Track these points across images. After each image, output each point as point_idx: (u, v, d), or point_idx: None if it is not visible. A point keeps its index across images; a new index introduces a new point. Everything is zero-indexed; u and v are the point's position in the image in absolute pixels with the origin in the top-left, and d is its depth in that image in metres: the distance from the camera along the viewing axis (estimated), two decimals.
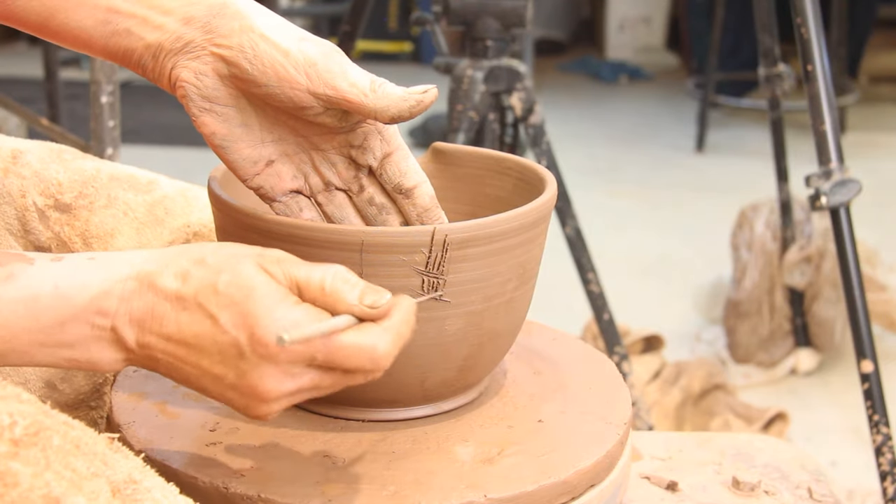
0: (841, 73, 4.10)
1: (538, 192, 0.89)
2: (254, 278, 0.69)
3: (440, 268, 0.80)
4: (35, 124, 2.23)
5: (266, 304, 0.68)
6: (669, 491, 0.98)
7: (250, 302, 0.68)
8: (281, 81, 0.77)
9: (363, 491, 0.77)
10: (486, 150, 0.97)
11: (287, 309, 0.68)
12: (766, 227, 2.45)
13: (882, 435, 1.49)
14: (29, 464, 0.61)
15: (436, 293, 0.80)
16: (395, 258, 0.79)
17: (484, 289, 0.82)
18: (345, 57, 0.79)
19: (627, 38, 5.75)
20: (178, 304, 0.69)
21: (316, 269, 0.71)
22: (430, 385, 0.85)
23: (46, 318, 0.69)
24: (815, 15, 1.53)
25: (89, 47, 0.79)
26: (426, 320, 0.80)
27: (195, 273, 0.70)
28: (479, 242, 0.80)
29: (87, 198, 0.97)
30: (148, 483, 0.67)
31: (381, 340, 0.69)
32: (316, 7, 5.24)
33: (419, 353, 0.82)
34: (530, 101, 1.70)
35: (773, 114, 2.25)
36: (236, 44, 0.76)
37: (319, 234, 0.78)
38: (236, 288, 0.69)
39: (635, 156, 4.13)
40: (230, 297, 0.69)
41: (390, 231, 0.79)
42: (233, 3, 0.78)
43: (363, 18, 2.00)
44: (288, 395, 0.70)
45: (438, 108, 3.80)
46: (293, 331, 0.66)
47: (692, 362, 2.16)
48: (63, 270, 0.70)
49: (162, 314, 0.70)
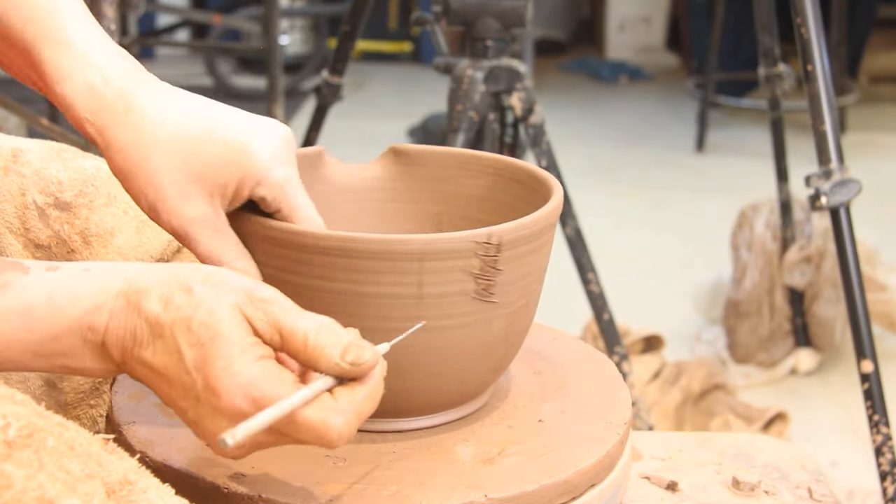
0: (841, 73, 4.10)
1: (522, 187, 0.89)
2: (223, 322, 0.68)
3: (493, 270, 0.80)
4: (35, 124, 2.23)
5: (226, 353, 0.67)
6: (669, 491, 0.98)
7: (213, 347, 0.68)
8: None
9: (364, 491, 0.77)
10: (453, 149, 0.96)
11: (245, 364, 0.67)
12: (766, 227, 2.45)
13: (882, 435, 1.49)
14: (22, 466, 0.60)
15: (418, 325, 0.78)
16: (453, 264, 0.78)
17: (521, 288, 0.83)
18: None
19: (627, 38, 5.75)
20: (156, 329, 0.69)
21: (302, 320, 0.70)
22: (468, 388, 0.86)
23: (40, 330, 0.69)
24: (815, 15, 1.53)
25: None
26: (476, 323, 0.81)
27: (177, 301, 0.69)
28: (523, 242, 0.81)
29: (87, 196, 0.97)
30: (143, 484, 0.66)
31: (334, 423, 0.68)
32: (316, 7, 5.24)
33: (466, 356, 0.83)
34: (530, 101, 1.70)
35: (773, 114, 2.25)
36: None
37: (376, 245, 0.77)
38: (205, 328, 0.68)
39: (635, 156, 4.13)
40: (198, 338, 0.68)
41: (448, 237, 0.78)
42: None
43: (363, 18, 2.00)
44: (244, 448, 0.70)
45: (438, 108, 3.80)
46: (238, 430, 0.65)
47: (692, 362, 2.16)
48: (57, 281, 0.70)
49: (141, 337, 0.70)
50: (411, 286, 0.78)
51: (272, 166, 0.80)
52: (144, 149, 0.78)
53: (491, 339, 0.83)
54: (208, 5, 5.37)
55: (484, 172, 0.94)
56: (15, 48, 0.80)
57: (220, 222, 0.80)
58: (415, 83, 5.21)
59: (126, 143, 0.78)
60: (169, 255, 1.00)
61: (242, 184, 0.80)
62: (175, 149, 0.78)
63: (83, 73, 0.79)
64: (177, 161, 0.78)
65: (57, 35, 0.79)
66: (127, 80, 0.80)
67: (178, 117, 0.79)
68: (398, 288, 0.78)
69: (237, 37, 5.11)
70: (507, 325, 0.84)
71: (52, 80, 0.79)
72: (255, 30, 4.44)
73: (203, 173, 0.78)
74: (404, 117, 4.28)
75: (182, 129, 0.79)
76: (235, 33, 5.05)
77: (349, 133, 3.90)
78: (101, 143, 0.79)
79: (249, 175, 0.80)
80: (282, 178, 0.81)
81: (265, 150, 0.80)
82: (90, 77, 0.79)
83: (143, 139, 0.78)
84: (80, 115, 0.79)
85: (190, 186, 0.78)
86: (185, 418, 0.71)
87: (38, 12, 0.79)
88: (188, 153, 0.78)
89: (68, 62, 0.79)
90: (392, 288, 0.78)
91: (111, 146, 0.79)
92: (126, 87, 0.79)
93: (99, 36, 0.81)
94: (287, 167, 0.81)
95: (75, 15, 0.80)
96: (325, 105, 2.13)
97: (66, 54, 0.79)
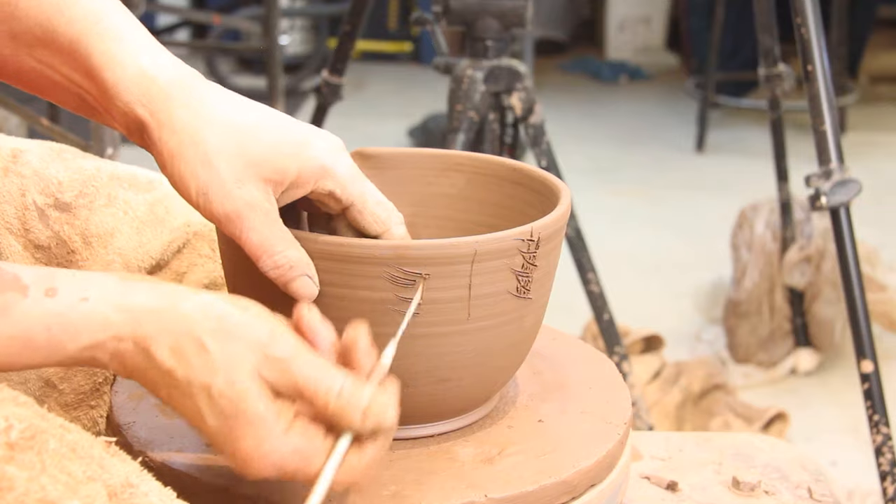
0: (841, 73, 4.10)
1: (502, 182, 0.90)
2: (247, 399, 0.68)
3: (532, 266, 0.80)
4: (35, 124, 2.23)
5: (254, 434, 0.68)
6: (669, 491, 0.98)
7: (238, 425, 0.68)
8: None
9: (364, 491, 0.77)
10: (424, 150, 0.95)
11: (275, 442, 0.68)
12: (766, 227, 2.45)
13: (882, 435, 1.49)
14: (24, 468, 0.60)
15: (412, 308, 0.78)
16: (500, 263, 0.78)
17: (548, 283, 0.84)
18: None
19: (627, 38, 5.75)
20: (170, 380, 0.69)
21: (322, 383, 0.69)
22: (496, 386, 0.86)
23: (40, 357, 0.69)
24: (815, 15, 1.53)
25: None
26: (511, 321, 0.81)
27: (191, 359, 0.68)
28: (555, 237, 0.82)
29: (87, 197, 0.97)
30: (145, 487, 0.66)
31: (361, 478, 0.71)
32: (316, 7, 5.24)
33: (503, 355, 0.83)
34: (530, 101, 1.70)
35: (773, 114, 2.25)
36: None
37: (429, 251, 0.77)
38: (227, 401, 0.68)
39: (635, 156, 4.13)
40: (221, 409, 0.68)
41: (496, 237, 0.78)
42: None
43: (363, 18, 2.00)
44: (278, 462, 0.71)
45: (438, 108, 3.80)
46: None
47: (692, 362, 2.16)
48: (56, 314, 0.68)
49: (154, 380, 0.69)
50: (462, 289, 0.78)
51: (336, 161, 0.79)
52: (201, 130, 0.76)
53: (523, 336, 0.84)
54: (208, 5, 5.37)
55: (458, 171, 0.94)
56: (60, 52, 0.78)
57: (274, 211, 0.77)
58: (415, 83, 5.21)
59: (182, 123, 0.76)
60: (169, 255, 1.00)
61: (301, 177, 0.78)
62: (232, 133, 0.76)
63: (135, 59, 0.77)
64: (233, 145, 0.76)
65: (107, 31, 0.78)
66: (180, 69, 0.79)
67: (235, 106, 0.78)
68: (450, 292, 0.78)
69: (237, 37, 5.11)
70: (535, 321, 0.85)
71: (102, 68, 0.77)
72: (255, 30, 4.44)
73: (260, 160, 0.76)
74: (404, 117, 4.28)
75: (240, 116, 0.77)
76: (235, 33, 5.06)
77: (349, 133, 3.88)
78: (153, 125, 0.77)
79: (309, 168, 0.78)
80: (348, 170, 0.79)
81: (324, 146, 0.79)
82: (143, 62, 0.77)
83: (199, 121, 0.76)
84: (132, 99, 0.77)
85: (246, 170, 0.76)
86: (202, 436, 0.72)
87: (86, 14, 0.78)
88: (246, 139, 0.76)
89: (119, 49, 0.77)
90: (444, 293, 0.78)
91: (165, 126, 0.76)
92: (180, 75, 0.78)
93: (148, 34, 0.80)
94: (350, 161, 0.80)
95: (124, 15, 0.79)
96: (325, 105, 2.13)
97: (118, 45, 0.77)
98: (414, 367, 0.79)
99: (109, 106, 0.78)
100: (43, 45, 0.78)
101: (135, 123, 0.77)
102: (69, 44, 0.78)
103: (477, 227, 0.92)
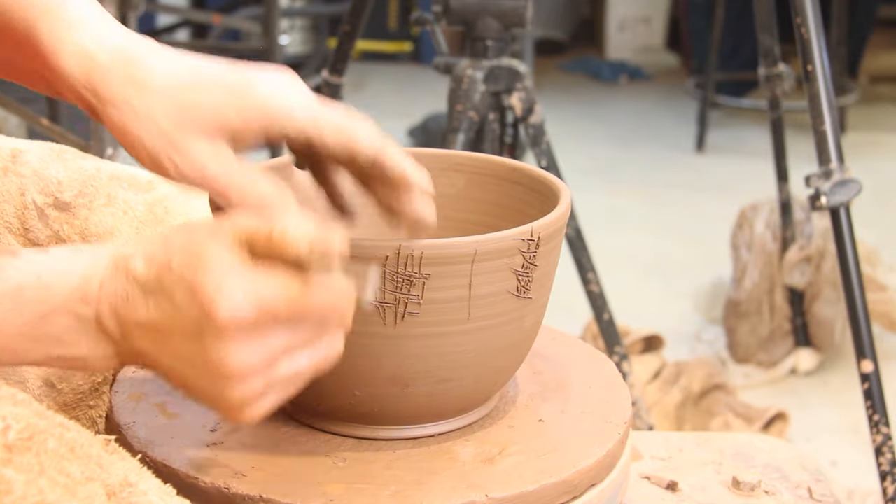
0: (841, 73, 4.09)
1: (502, 182, 0.90)
2: (201, 246, 0.67)
3: (532, 266, 0.80)
4: (35, 124, 2.23)
5: (214, 278, 0.66)
6: (669, 491, 0.98)
7: (199, 275, 0.66)
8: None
9: (364, 491, 0.77)
10: (424, 150, 0.95)
11: (236, 280, 0.66)
12: (766, 227, 2.45)
13: (882, 435, 1.49)
14: (22, 470, 0.60)
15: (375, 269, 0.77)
16: (501, 262, 0.78)
17: (547, 283, 0.84)
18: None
19: (627, 38, 5.74)
20: (145, 287, 0.68)
21: (267, 222, 0.68)
22: (496, 387, 0.86)
23: (30, 311, 0.68)
24: (815, 15, 1.53)
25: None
26: (512, 321, 0.81)
27: (157, 254, 0.68)
28: (555, 236, 0.82)
29: (86, 196, 0.97)
30: (144, 485, 0.66)
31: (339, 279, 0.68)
32: (316, 7, 5.23)
33: (504, 355, 0.83)
34: (530, 101, 1.70)
35: (773, 114, 2.25)
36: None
37: (429, 250, 0.76)
38: (186, 262, 0.66)
39: (635, 156, 4.13)
40: (181, 274, 0.66)
41: (496, 236, 0.78)
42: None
43: (363, 18, 2.00)
44: (259, 367, 0.67)
45: (438, 108, 3.80)
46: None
47: (692, 362, 2.16)
48: (47, 261, 0.69)
49: (134, 300, 0.68)
50: (463, 289, 0.78)
51: (286, 102, 0.77)
52: (143, 101, 0.75)
53: (523, 336, 0.84)
54: (208, 5, 5.37)
55: (458, 171, 0.94)
56: (22, 43, 0.78)
57: (231, 156, 0.76)
58: (415, 83, 5.21)
59: (121, 97, 0.76)
60: None
61: (247, 124, 0.76)
62: (173, 96, 0.76)
63: (79, 40, 0.76)
64: (175, 108, 0.75)
65: (55, 12, 0.77)
66: (125, 41, 0.78)
67: (172, 67, 0.77)
68: (450, 292, 0.78)
69: (237, 37, 5.11)
70: (535, 321, 0.85)
71: (51, 54, 0.77)
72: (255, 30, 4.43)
73: (202, 117, 0.75)
74: (404, 117, 4.28)
75: (180, 78, 0.76)
76: (235, 33, 5.05)
77: None
78: (98, 105, 0.76)
79: (252, 114, 0.76)
80: (308, 107, 0.77)
81: (267, 90, 0.77)
82: (85, 42, 0.77)
83: (141, 93, 0.76)
84: (76, 82, 0.76)
85: (193, 130, 0.75)
86: (195, 374, 0.68)
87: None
88: (187, 99, 0.76)
89: (62, 32, 0.77)
90: (444, 293, 0.78)
91: (106, 103, 0.76)
92: (119, 46, 0.77)
93: (97, 9, 0.79)
94: (307, 97, 0.78)
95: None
96: None
97: (66, 28, 0.77)
98: (414, 368, 0.79)
99: (63, 90, 0.78)
100: (2, 31, 0.78)
101: (84, 104, 0.77)
102: (24, 30, 0.78)
103: (477, 227, 0.91)
